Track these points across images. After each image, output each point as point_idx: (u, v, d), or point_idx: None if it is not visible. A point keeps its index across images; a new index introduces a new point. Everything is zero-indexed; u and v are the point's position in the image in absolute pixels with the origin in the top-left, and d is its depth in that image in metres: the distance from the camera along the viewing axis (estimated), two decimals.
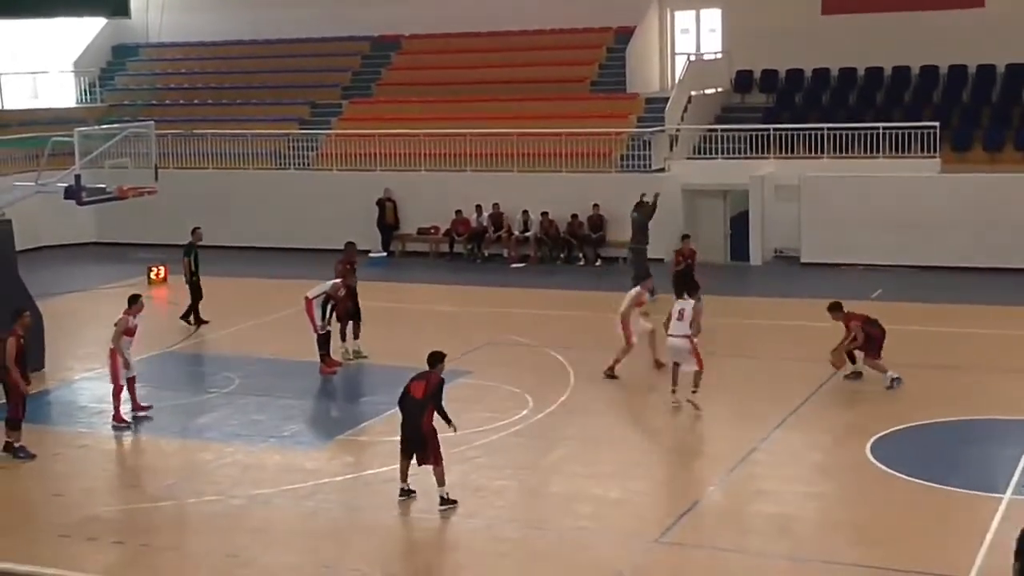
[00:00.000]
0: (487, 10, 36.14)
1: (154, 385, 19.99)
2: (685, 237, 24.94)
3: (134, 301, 18.71)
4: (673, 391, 18.58)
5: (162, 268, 29.19)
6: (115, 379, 18.38)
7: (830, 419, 18.18)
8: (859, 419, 17.95)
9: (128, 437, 18.20)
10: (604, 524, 14.38)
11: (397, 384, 18.63)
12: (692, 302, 18.95)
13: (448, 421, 14.93)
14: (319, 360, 20.82)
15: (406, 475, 14.99)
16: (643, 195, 27.18)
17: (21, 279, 21.76)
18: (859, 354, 19.52)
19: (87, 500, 15.65)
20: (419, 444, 14.74)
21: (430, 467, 14.79)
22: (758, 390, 19.55)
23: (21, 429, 17.07)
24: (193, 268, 24.63)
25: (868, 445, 16.56)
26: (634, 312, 20.26)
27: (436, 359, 15.09)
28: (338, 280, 21.16)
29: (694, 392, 18.43)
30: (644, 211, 26.65)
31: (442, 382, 14.99)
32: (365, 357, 21.68)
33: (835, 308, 19.62)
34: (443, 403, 14.83)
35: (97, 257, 33.68)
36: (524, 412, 18.51)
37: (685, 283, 21.06)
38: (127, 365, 18.39)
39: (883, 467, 15.79)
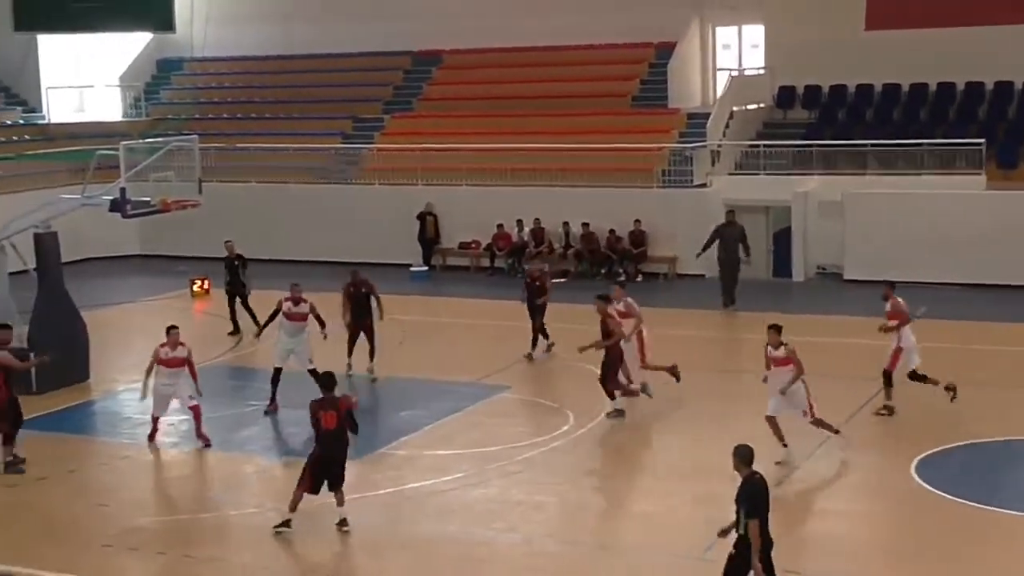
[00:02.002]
0: (529, 25, 36.18)
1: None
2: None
3: (167, 332, 18.17)
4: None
5: (204, 280, 29.37)
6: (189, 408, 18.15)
7: (874, 438, 18.03)
8: (904, 438, 17.78)
9: (171, 449, 18.28)
10: (645, 540, 14.32)
11: (437, 398, 18.66)
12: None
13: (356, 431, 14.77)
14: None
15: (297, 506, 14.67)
16: (731, 211, 27.33)
17: (67, 290, 21.96)
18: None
19: (130, 511, 15.74)
20: (339, 472, 14.61)
21: (335, 496, 14.65)
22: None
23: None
24: (228, 279, 25.23)
25: (913, 465, 16.41)
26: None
27: (333, 382, 14.82)
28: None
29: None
30: (736, 229, 26.66)
31: (351, 406, 14.81)
32: (374, 380, 21.43)
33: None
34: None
35: (141, 269, 33.92)
36: (565, 427, 18.47)
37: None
38: (143, 395, 18.13)
39: (929, 487, 15.64)
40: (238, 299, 25.29)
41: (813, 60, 33.15)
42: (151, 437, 18.21)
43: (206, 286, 29.26)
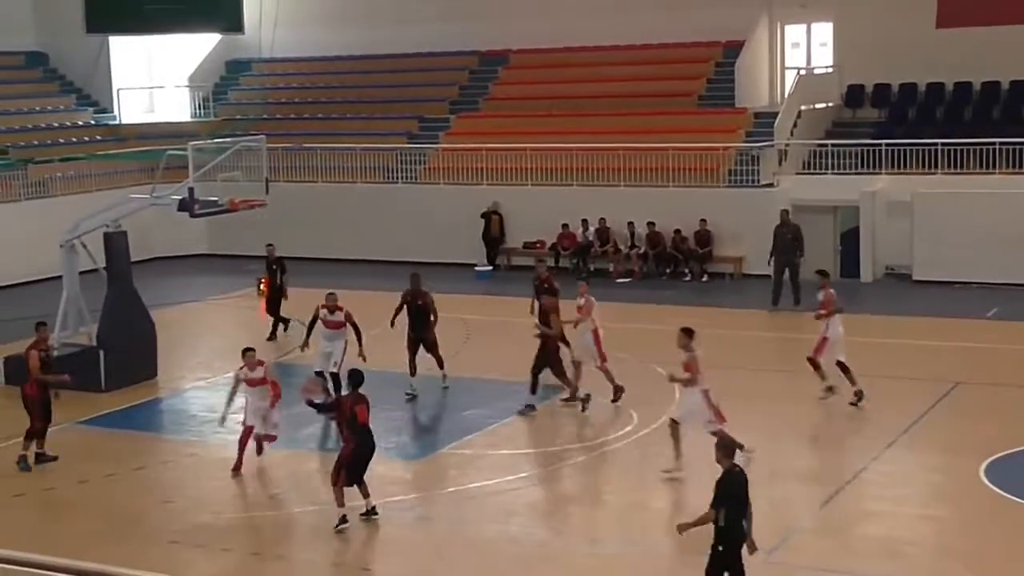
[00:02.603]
0: (595, 25, 36.09)
1: None
2: (540, 262, 23.14)
3: (243, 355, 17.53)
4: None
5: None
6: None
7: (942, 439, 17.78)
8: (972, 440, 17.50)
9: (237, 447, 18.39)
10: (708, 541, 14.19)
11: (502, 397, 18.65)
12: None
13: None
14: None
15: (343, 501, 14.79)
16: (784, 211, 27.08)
17: (136, 289, 22.21)
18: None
19: (196, 508, 15.89)
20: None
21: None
22: (869, 409, 19.18)
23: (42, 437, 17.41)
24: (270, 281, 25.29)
25: (982, 467, 16.16)
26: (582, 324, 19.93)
27: (361, 378, 14.98)
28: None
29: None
30: (789, 229, 26.48)
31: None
32: (446, 388, 20.80)
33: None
34: None
35: (208, 268, 34.24)
36: (628, 428, 18.39)
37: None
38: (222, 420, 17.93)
39: (998, 490, 15.40)
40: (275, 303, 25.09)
41: (883, 58, 32.78)
42: (258, 450, 17.51)
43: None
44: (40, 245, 28.01)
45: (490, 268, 32.51)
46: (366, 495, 14.88)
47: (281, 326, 25.03)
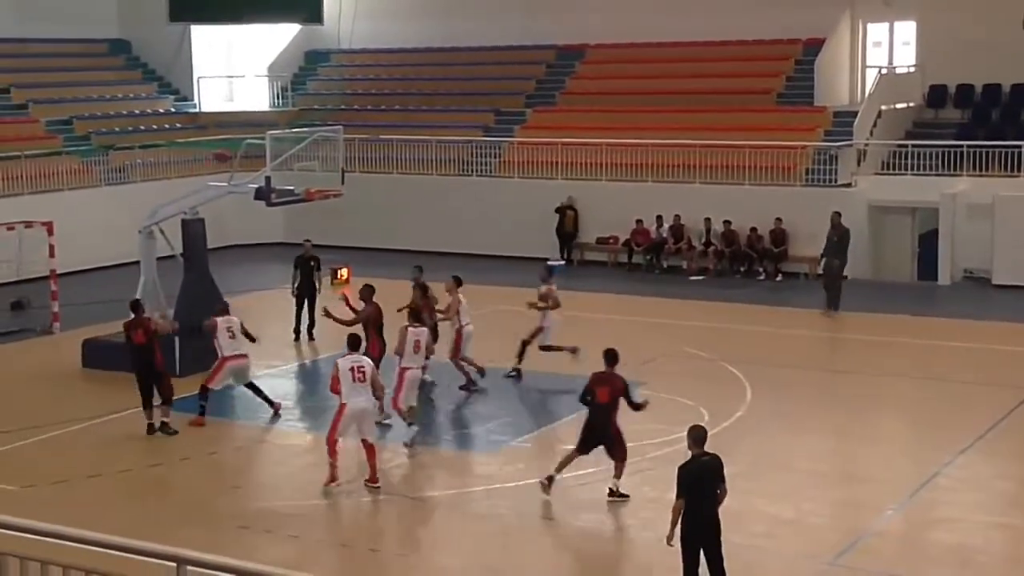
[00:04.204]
0: (673, 20, 35.87)
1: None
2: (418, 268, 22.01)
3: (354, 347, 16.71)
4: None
5: (345, 270, 29.76)
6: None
7: (1018, 446, 17.49)
8: None
9: (307, 435, 18.56)
10: (775, 543, 14.10)
11: (572, 392, 18.58)
12: (425, 330, 18.37)
13: (640, 407, 15.41)
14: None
15: (564, 468, 15.26)
16: (836, 213, 26.64)
17: (212, 276, 22.44)
18: None
19: (265, 493, 16.04)
20: (608, 442, 15.20)
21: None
22: (943, 413, 18.94)
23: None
24: (299, 280, 24.38)
25: None
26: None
27: (613, 358, 15.42)
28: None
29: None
30: (836, 232, 26.18)
31: (626, 385, 15.26)
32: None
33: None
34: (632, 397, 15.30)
35: (283, 257, 34.32)
36: None
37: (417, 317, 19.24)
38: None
39: None
40: (307, 302, 24.24)
41: (966, 58, 32.25)
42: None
43: (346, 275, 29.61)
44: (119, 231, 28.45)
45: (562, 262, 32.45)
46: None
47: (306, 329, 24.23)
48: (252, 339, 19.40)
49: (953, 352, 22.83)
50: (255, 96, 40.58)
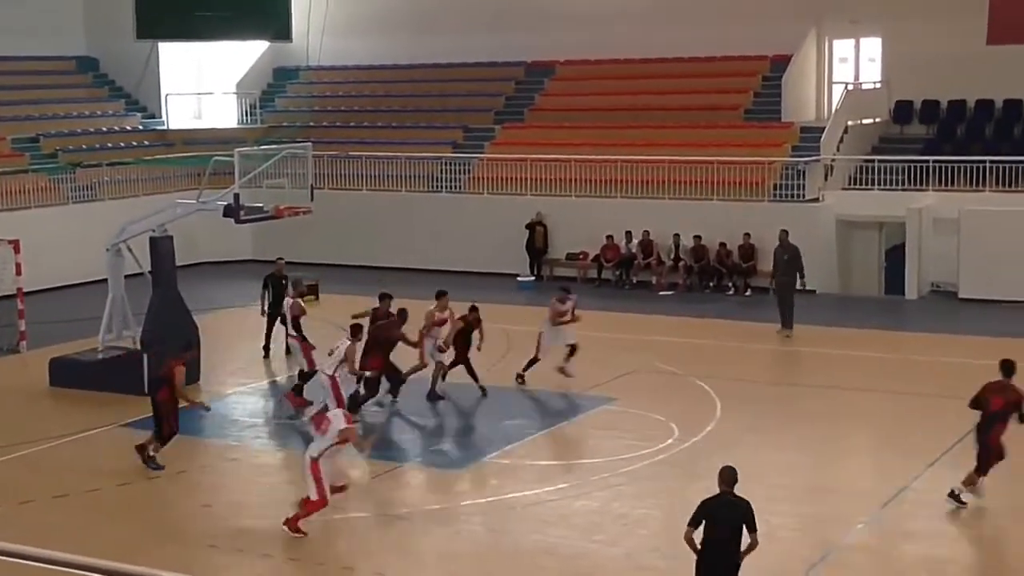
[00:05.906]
0: (641, 37, 36.03)
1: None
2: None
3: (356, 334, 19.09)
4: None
5: (315, 285, 29.63)
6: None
7: None
8: (1018, 460, 17.29)
9: (277, 452, 18.49)
10: (746, 557, 14.10)
11: (542, 408, 18.63)
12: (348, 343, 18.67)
13: None
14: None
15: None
16: (783, 231, 26.72)
17: (180, 293, 22.35)
18: None
19: (236, 512, 15.94)
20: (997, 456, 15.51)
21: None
22: (912, 427, 19.05)
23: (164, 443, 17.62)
24: (271, 299, 24.28)
25: None
26: (546, 325, 21.73)
27: (1011, 369, 15.74)
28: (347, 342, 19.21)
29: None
30: (786, 250, 26.23)
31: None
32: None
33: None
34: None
35: (253, 274, 34.26)
36: (669, 441, 18.32)
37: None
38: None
39: None
40: (280, 320, 23.54)
41: (932, 74, 32.52)
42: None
43: (315, 293, 29.49)
44: (87, 248, 28.27)
45: (532, 279, 32.48)
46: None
47: (271, 347, 24.14)
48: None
49: (921, 366, 22.97)
50: (223, 113, 40.48)
